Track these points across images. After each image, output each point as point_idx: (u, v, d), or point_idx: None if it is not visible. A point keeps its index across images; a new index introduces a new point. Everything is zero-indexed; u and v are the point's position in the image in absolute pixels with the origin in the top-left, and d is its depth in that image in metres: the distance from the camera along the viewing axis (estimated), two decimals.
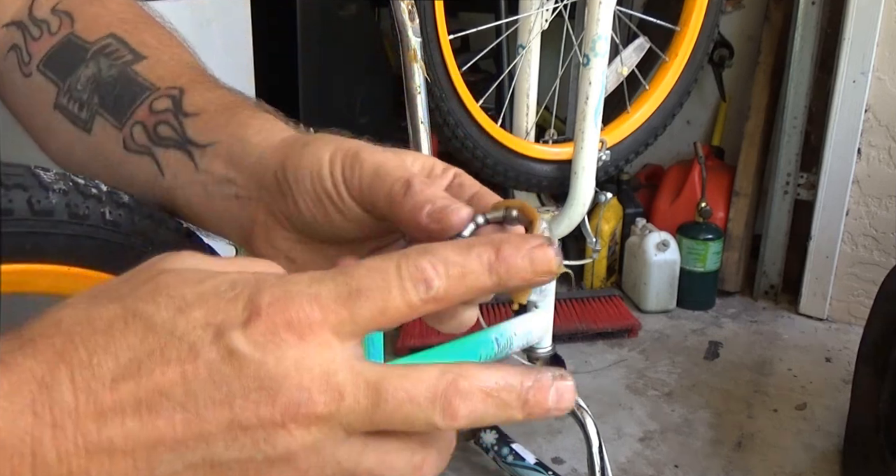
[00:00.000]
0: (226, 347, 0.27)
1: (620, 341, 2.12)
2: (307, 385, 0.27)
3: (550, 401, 0.30)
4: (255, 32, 1.59)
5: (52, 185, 0.41)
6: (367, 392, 0.28)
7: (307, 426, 0.27)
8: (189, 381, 0.27)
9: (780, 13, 2.30)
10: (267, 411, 0.27)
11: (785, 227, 2.28)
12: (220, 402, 0.27)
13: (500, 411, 0.29)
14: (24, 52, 0.50)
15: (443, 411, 0.28)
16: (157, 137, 0.45)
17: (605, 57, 1.26)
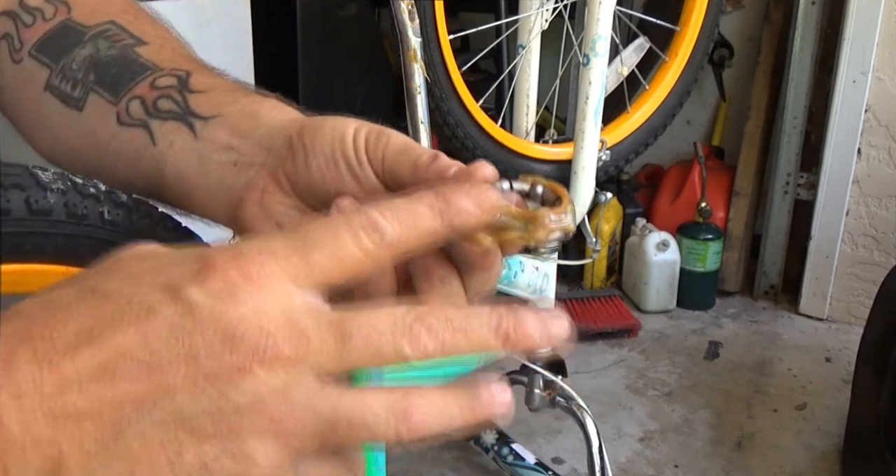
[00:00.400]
0: (184, 303, 0.27)
1: (620, 341, 2.11)
2: (270, 329, 0.27)
3: (536, 336, 0.30)
4: (255, 32, 1.59)
5: (50, 184, 0.41)
6: (331, 331, 0.28)
7: (273, 370, 0.27)
8: (149, 339, 0.26)
9: (780, 13, 2.30)
10: (231, 358, 0.26)
11: (785, 227, 2.28)
12: (182, 355, 0.26)
13: (473, 342, 0.29)
14: (15, 40, 0.49)
15: (411, 344, 0.28)
16: (156, 110, 0.44)
17: (605, 57, 1.26)
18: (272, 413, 0.27)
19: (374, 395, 0.28)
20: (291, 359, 0.27)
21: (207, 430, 0.26)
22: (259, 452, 0.26)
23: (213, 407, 0.26)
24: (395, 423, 0.28)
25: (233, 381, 0.26)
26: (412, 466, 1.63)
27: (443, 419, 0.29)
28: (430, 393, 0.29)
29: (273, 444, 0.27)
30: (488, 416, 0.29)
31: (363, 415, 0.28)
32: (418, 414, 0.28)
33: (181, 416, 0.26)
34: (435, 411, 0.28)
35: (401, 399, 0.28)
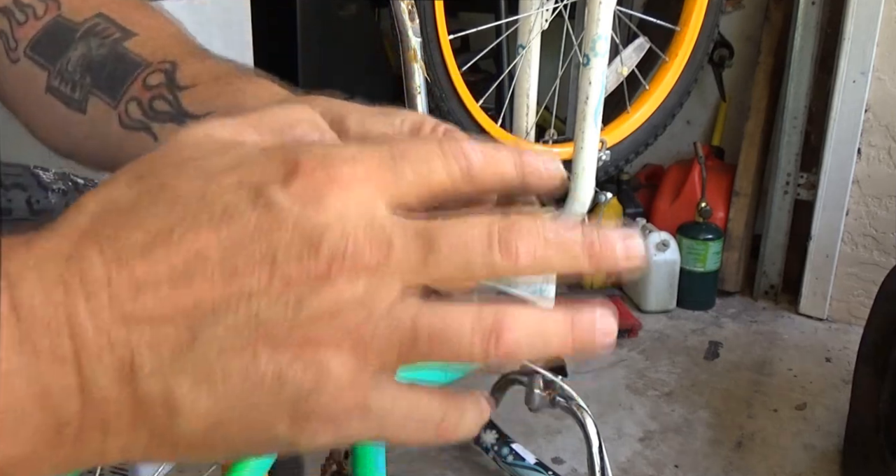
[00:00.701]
0: (266, 205, 0.26)
1: (620, 341, 2.11)
2: (353, 236, 0.26)
3: (619, 249, 0.28)
4: (255, 32, 1.59)
5: (51, 185, 0.41)
6: (417, 240, 0.26)
7: (354, 278, 0.25)
8: (225, 241, 0.25)
9: (780, 13, 2.30)
10: (311, 264, 0.25)
11: (785, 227, 2.28)
12: (259, 258, 0.25)
13: (564, 255, 0.28)
14: (10, 39, 0.50)
15: (502, 249, 0.27)
16: (153, 112, 0.45)
17: (605, 57, 1.26)
18: (350, 322, 0.25)
19: (462, 309, 0.26)
20: (373, 267, 0.26)
21: (283, 337, 0.25)
22: (334, 363, 0.25)
23: (290, 313, 0.25)
24: (483, 340, 0.26)
25: (311, 288, 0.25)
26: (412, 466, 1.63)
27: (537, 341, 0.27)
28: (525, 311, 0.27)
29: (350, 354, 0.26)
30: (588, 344, 0.28)
31: (448, 329, 0.26)
32: (510, 333, 0.26)
33: (259, 321, 0.25)
34: (529, 332, 0.27)
35: (493, 314, 0.27)
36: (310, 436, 0.26)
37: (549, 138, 1.48)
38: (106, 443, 0.26)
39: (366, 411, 0.26)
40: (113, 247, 0.25)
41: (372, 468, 0.97)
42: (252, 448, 0.27)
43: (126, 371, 0.25)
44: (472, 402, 0.29)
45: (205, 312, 0.25)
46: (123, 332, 0.25)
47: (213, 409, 0.25)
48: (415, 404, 0.27)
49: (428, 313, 0.26)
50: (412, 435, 0.27)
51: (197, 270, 0.25)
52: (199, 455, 0.27)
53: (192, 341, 0.25)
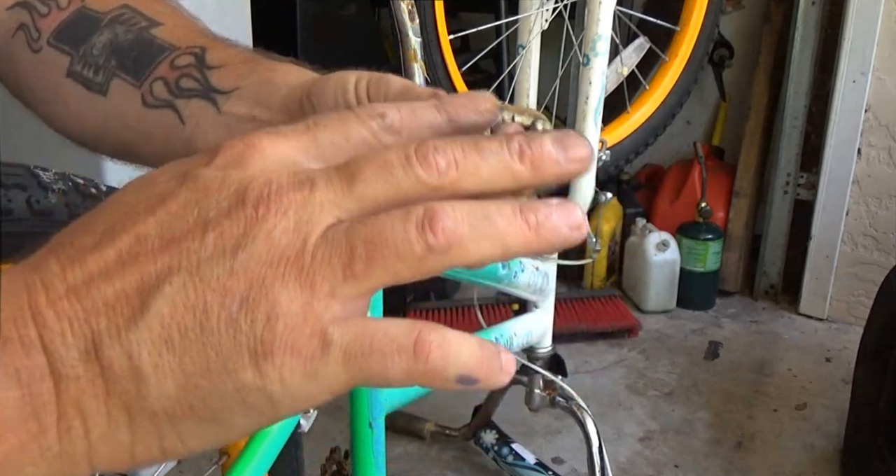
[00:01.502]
0: (192, 179, 0.28)
1: (620, 341, 2.12)
2: (276, 180, 0.27)
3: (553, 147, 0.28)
4: (255, 32, 1.59)
5: (51, 185, 0.41)
6: (338, 173, 0.27)
7: (282, 214, 0.26)
8: (161, 219, 0.27)
9: (780, 13, 2.30)
10: (239, 211, 0.27)
11: (785, 227, 2.28)
12: (193, 222, 0.27)
13: (489, 159, 0.28)
14: (32, 29, 0.50)
15: (422, 164, 0.27)
16: (179, 89, 0.45)
17: (605, 57, 1.25)
18: (286, 253, 0.26)
19: (393, 212, 0.27)
20: (300, 201, 0.27)
21: (227, 283, 0.26)
22: (282, 296, 0.26)
23: (230, 260, 0.26)
24: (418, 229, 0.26)
25: (244, 231, 0.26)
26: (412, 466, 1.63)
27: (480, 226, 0.26)
28: (460, 201, 0.27)
29: (295, 285, 0.26)
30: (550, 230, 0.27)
31: (381, 231, 0.26)
32: (444, 217, 0.26)
33: (201, 276, 0.26)
34: (467, 215, 0.26)
35: (419, 206, 0.26)
36: (278, 376, 0.26)
37: None
38: (88, 429, 0.27)
39: (326, 340, 0.26)
40: (66, 251, 0.28)
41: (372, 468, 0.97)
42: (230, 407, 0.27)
43: (89, 347, 0.26)
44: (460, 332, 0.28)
45: (150, 279, 0.26)
46: (81, 313, 0.26)
47: (176, 368, 0.26)
48: (379, 327, 0.27)
49: (360, 226, 0.27)
50: (387, 364, 0.26)
51: (140, 249, 0.27)
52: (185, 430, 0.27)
53: (143, 309, 0.26)
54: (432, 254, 0.26)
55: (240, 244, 0.26)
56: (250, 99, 0.43)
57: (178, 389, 0.26)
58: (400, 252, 0.26)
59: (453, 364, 0.27)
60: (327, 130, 0.29)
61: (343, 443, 1.08)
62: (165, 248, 0.27)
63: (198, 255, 0.26)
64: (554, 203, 0.27)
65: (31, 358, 0.26)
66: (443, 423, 1.68)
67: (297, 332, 0.26)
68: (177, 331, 0.26)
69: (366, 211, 0.27)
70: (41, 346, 0.26)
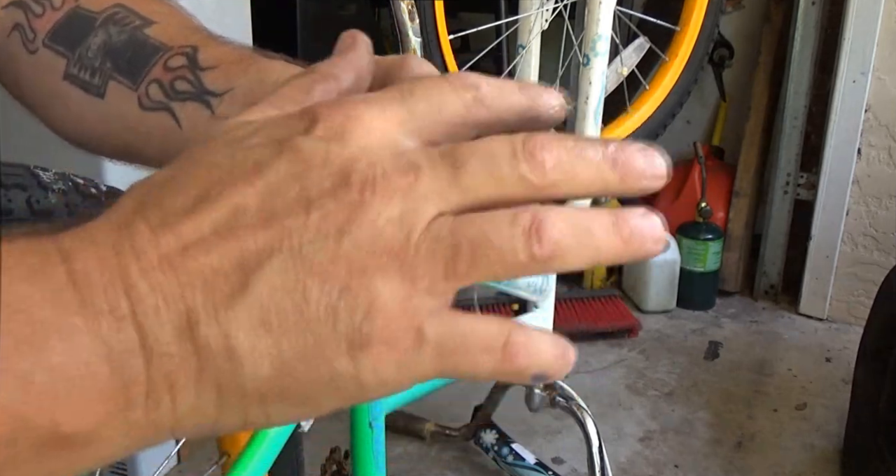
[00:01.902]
0: (292, 151, 0.27)
1: (620, 341, 2.12)
2: (379, 162, 0.26)
3: (641, 161, 0.28)
4: (255, 32, 1.59)
5: (51, 185, 0.41)
6: (443, 160, 0.27)
7: (388, 201, 0.26)
8: (261, 190, 0.26)
9: (780, 13, 2.30)
10: (343, 194, 0.26)
11: (785, 227, 2.28)
12: (295, 199, 0.26)
13: (588, 167, 0.27)
14: (27, 30, 0.50)
15: (528, 161, 0.27)
16: (174, 92, 0.45)
17: (605, 57, 1.25)
18: (391, 244, 0.26)
19: (499, 214, 0.26)
20: (405, 189, 0.26)
21: (329, 269, 0.26)
22: (383, 288, 0.26)
23: (332, 246, 0.26)
24: (524, 237, 0.26)
25: (348, 217, 0.26)
26: (412, 466, 1.63)
27: (582, 237, 0.27)
28: (562, 208, 0.27)
29: (396, 278, 0.26)
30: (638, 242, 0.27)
31: (487, 234, 0.26)
32: (551, 227, 0.26)
33: (302, 259, 0.26)
34: (570, 226, 0.26)
35: (530, 213, 0.26)
36: (372, 366, 0.26)
37: None
38: (176, 403, 0.26)
39: (421, 336, 0.26)
40: (157, 214, 0.26)
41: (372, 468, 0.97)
42: (321, 392, 0.27)
43: (183, 324, 0.26)
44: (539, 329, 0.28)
45: (251, 258, 0.26)
46: (176, 287, 0.26)
47: (273, 351, 0.26)
48: (472, 326, 0.27)
49: (466, 224, 0.26)
50: (477, 361, 0.27)
51: (238, 222, 0.26)
52: (272, 410, 0.27)
53: (242, 288, 0.26)
54: (534, 262, 0.26)
55: (344, 229, 0.26)
56: (242, 99, 0.43)
57: (272, 372, 0.26)
58: (504, 256, 0.26)
59: (535, 364, 0.27)
60: (422, 101, 0.28)
61: (343, 443, 1.08)
62: (267, 224, 0.26)
63: (300, 236, 0.26)
64: (641, 213, 0.28)
65: (122, 332, 0.25)
66: (443, 423, 1.68)
67: (394, 325, 0.26)
68: (275, 314, 0.26)
69: (468, 203, 0.27)
70: (133, 321, 0.25)
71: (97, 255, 0.26)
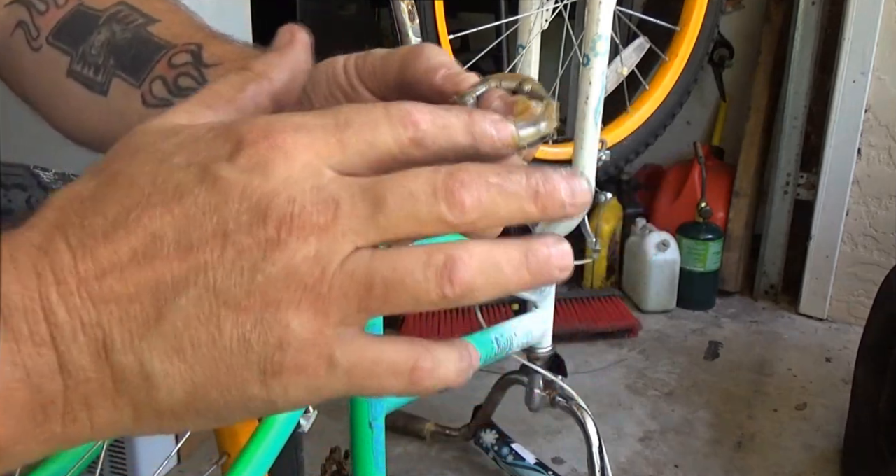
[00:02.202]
0: (212, 180, 0.27)
1: (620, 341, 2.11)
2: (298, 198, 0.27)
3: (563, 192, 0.29)
4: (255, 33, 1.59)
5: (51, 185, 0.41)
6: (363, 196, 0.27)
7: (304, 239, 0.26)
8: (178, 219, 0.27)
9: (780, 13, 2.30)
10: (260, 230, 0.26)
11: (785, 227, 2.28)
12: (212, 232, 0.26)
13: (509, 201, 0.28)
14: (31, 27, 0.51)
15: (447, 201, 0.27)
16: (178, 89, 0.46)
17: (605, 57, 1.25)
18: (305, 281, 0.26)
19: (413, 252, 0.27)
20: (322, 226, 0.27)
21: (243, 303, 0.26)
22: (295, 322, 0.26)
23: (247, 280, 0.26)
24: (437, 278, 0.27)
25: (264, 253, 0.26)
26: (412, 466, 1.63)
27: (492, 275, 0.27)
28: (474, 245, 0.27)
29: (309, 311, 0.26)
30: (544, 277, 0.28)
31: (401, 272, 0.27)
32: (463, 268, 0.27)
33: (216, 292, 0.26)
34: (482, 266, 0.27)
35: (443, 252, 0.27)
36: (282, 391, 0.27)
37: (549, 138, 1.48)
38: (93, 419, 0.27)
39: (332, 364, 0.27)
40: (77, 234, 0.27)
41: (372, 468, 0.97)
42: (233, 411, 0.28)
43: (100, 349, 0.27)
44: (445, 346, 0.29)
45: (166, 289, 0.26)
46: (94, 313, 0.26)
47: (186, 377, 0.27)
48: (381, 353, 0.28)
49: (379, 261, 0.27)
50: (385, 385, 0.28)
51: (155, 251, 0.27)
52: (187, 423, 0.28)
53: (158, 317, 0.26)
54: (445, 300, 0.27)
55: (258, 267, 0.26)
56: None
57: (186, 397, 0.27)
58: (417, 295, 0.27)
59: (440, 383, 0.28)
60: (355, 134, 0.28)
61: (343, 443, 1.08)
62: (183, 256, 0.27)
63: (214, 271, 0.26)
64: (551, 242, 0.29)
65: (41, 356, 0.26)
66: (443, 423, 1.68)
67: (305, 354, 0.27)
68: (189, 343, 0.27)
69: (385, 240, 0.28)
70: (52, 346, 0.26)
71: (18, 278, 0.27)
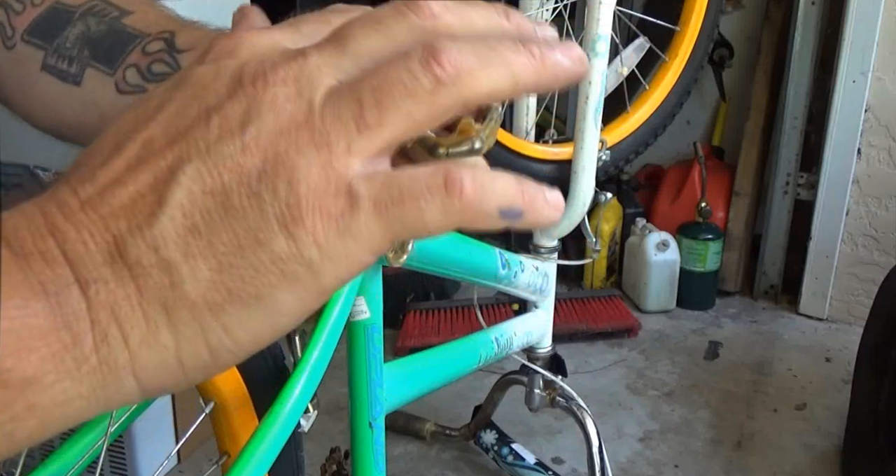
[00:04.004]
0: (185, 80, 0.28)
1: (620, 341, 2.12)
2: (269, 58, 0.27)
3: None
4: None
5: (50, 185, 0.41)
6: (328, 39, 0.27)
7: (282, 83, 0.26)
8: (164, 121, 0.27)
9: (780, 13, 2.30)
10: (238, 92, 0.26)
11: (785, 227, 2.28)
12: (196, 114, 0.27)
13: (479, 12, 0.28)
14: (6, 27, 0.51)
15: (415, 10, 0.27)
16: (151, 74, 0.46)
17: (605, 57, 1.25)
18: (294, 119, 0.26)
19: (391, 59, 0.27)
20: (296, 69, 0.26)
21: (241, 161, 0.26)
22: (297, 161, 0.25)
23: (238, 138, 0.26)
24: (424, 66, 0.26)
25: (246, 109, 0.26)
26: (412, 466, 1.63)
27: (487, 54, 0.27)
28: (458, 36, 0.27)
29: (310, 147, 0.26)
30: (558, 62, 0.27)
31: (385, 75, 0.26)
32: (449, 50, 0.26)
33: (213, 159, 0.26)
34: (471, 46, 0.26)
35: (420, 46, 0.27)
36: (312, 240, 0.26)
37: (549, 138, 1.48)
38: (126, 336, 0.26)
39: (352, 195, 0.26)
40: (76, 174, 0.27)
41: (372, 468, 0.97)
42: (269, 279, 0.26)
43: (112, 250, 0.26)
44: (485, 167, 0.27)
45: (163, 175, 0.26)
46: (99, 222, 0.26)
47: (206, 251, 0.26)
48: (406, 175, 0.26)
49: (363, 78, 0.26)
50: (423, 209, 0.26)
51: (147, 152, 0.27)
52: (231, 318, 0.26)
53: (161, 202, 0.26)
54: (442, 86, 0.26)
55: (245, 120, 0.26)
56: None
57: (212, 272, 0.26)
58: (409, 89, 0.26)
59: (491, 195, 0.26)
60: (309, 22, 0.29)
61: (343, 443, 1.08)
62: (172, 143, 0.26)
63: (206, 140, 0.26)
64: (551, 39, 0.28)
65: (53, 269, 0.25)
66: (443, 423, 1.68)
67: (321, 192, 0.26)
68: (199, 216, 0.26)
69: (364, 66, 0.27)
70: (63, 258, 0.26)
71: (24, 216, 0.26)
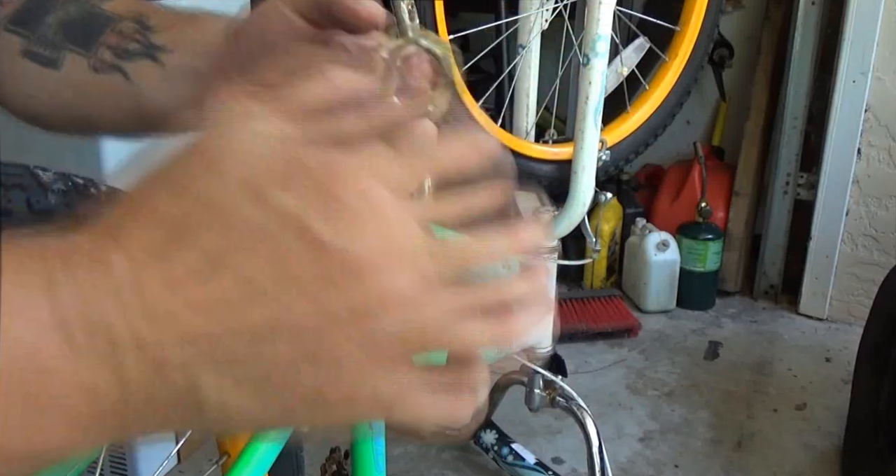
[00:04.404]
0: (309, 238, 0.27)
1: (620, 341, 2.11)
2: (397, 280, 0.28)
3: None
4: None
5: (50, 184, 0.41)
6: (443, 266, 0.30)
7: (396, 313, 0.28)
8: (270, 268, 0.27)
9: (780, 13, 2.30)
10: (350, 294, 0.27)
11: (785, 227, 2.28)
12: (305, 285, 0.27)
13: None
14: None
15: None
16: (125, 53, 0.48)
17: (605, 57, 1.26)
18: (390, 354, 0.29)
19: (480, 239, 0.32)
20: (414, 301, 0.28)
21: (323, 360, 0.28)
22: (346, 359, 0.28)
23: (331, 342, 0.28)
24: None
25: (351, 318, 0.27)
26: (412, 466, 1.63)
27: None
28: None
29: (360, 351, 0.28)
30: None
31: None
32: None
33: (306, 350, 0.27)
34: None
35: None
36: (330, 411, 0.29)
37: (549, 138, 1.48)
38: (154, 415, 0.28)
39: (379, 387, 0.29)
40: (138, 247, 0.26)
41: (372, 468, 0.97)
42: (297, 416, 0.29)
43: (188, 391, 0.27)
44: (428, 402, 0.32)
45: (254, 334, 0.27)
46: (178, 350, 0.26)
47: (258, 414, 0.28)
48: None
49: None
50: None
51: (244, 295, 0.26)
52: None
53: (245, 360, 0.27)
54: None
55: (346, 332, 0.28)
56: (189, 51, 0.47)
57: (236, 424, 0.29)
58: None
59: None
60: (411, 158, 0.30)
61: (343, 443, 1.08)
62: (272, 304, 0.27)
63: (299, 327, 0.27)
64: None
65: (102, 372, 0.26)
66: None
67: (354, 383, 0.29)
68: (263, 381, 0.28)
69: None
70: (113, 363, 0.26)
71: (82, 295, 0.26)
